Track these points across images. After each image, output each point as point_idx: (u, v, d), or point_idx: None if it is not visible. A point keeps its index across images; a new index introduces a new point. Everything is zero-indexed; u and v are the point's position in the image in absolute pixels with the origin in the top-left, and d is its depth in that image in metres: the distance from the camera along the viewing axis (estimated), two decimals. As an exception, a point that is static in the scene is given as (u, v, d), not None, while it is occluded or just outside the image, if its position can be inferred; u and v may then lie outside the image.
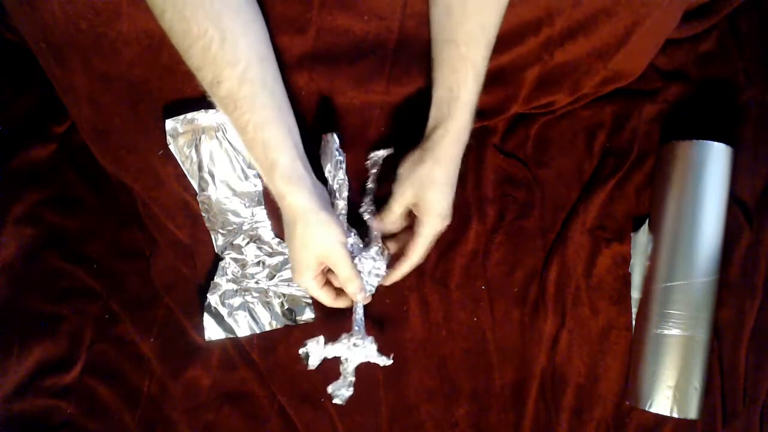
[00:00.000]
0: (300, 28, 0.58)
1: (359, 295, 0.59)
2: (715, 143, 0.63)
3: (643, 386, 0.62)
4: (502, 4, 0.52)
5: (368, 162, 0.64)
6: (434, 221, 0.57)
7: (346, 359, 0.62)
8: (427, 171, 0.55)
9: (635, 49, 0.62)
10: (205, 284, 0.66)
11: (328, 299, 0.60)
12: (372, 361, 0.62)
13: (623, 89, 0.68)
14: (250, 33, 0.51)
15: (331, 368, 0.65)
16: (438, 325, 0.66)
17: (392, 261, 0.62)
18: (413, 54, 0.60)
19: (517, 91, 0.64)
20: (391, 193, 0.58)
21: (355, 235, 0.62)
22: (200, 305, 0.66)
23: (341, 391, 0.61)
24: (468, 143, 0.57)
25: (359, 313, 0.62)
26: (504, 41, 0.59)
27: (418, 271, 0.66)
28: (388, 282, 0.62)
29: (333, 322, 0.66)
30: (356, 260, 0.60)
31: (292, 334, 0.66)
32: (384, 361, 0.62)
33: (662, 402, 0.61)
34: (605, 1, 0.58)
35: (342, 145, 0.61)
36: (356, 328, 0.62)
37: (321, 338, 0.61)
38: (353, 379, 0.62)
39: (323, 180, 0.60)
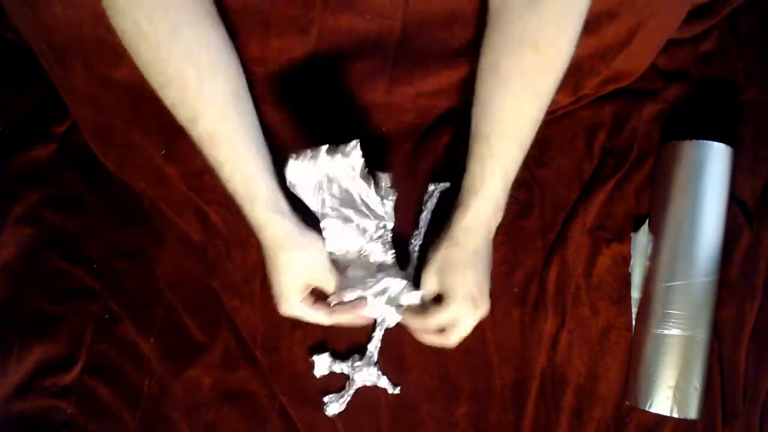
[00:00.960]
0: (302, 29, 0.58)
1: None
2: (715, 143, 0.63)
3: (643, 386, 0.62)
4: (537, 107, 0.52)
5: (425, 195, 0.64)
6: (456, 305, 0.54)
7: (353, 379, 0.64)
8: (444, 253, 0.55)
9: (638, 50, 0.62)
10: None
11: (325, 318, 0.57)
12: (378, 385, 0.64)
13: (623, 89, 0.68)
14: (225, 69, 0.51)
15: (337, 373, 0.65)
16: (438, 325, 0.66)
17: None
18: (415, 53, 0.60)
19: None
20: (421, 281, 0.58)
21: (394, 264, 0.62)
22: (203, 305, 0.66)
23: (333, 405, 0.63)
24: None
25: (375, 343, 0.64)
26: None
27: (419, 271, 0.66)
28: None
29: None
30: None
31: (295, 333, 0.66)
32: (392, 389, 0.64)
33: (662, 402, 0.61)
34: (609, 1, 0.58)
35: (393, 183, 0.62)
36: (368, 354, 0.64)
37: (326, 356, 0.64)
38: (349, 398, 0.64)
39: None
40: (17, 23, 0.60)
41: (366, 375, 0.64)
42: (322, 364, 0.64)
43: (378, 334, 0.64)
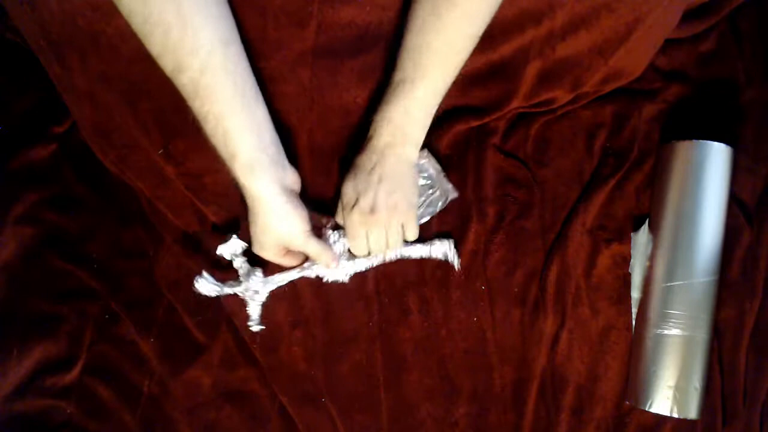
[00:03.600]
0: (301, 22, 0.57)
1: (333, 264, 0.60)
2: (715, 143, 0.63)
3: (643, 386, 0.62)
4: (470, 33, 0.53)
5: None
6: (341, 211, 0.59)
7: (236, 283, 0.63)
8: (358, 159, 0.58)
9: (636, 47, 0.62)
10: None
11: (289, 261, 0.61)
12: (249, 312, 0.63)
13: (623, 89, 0.68)
14: (212, 17, 0.49)
15: (333, 369, 0.65)
16: (438, 325, 0.66)
17: None
18: None
19: (517, 85, 0.64)
20: None
21: None
22: (203, 304, 0.66)
23: (204, 285, 0.61)
24: (468, 143, 0.57)
25: (285, 275, 0.63)
26: (503, 30, 0.59)
27: (419, 270, 0.66)
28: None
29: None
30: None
31: (294, 333, 0.66)
32: (255, 324, 0.63)
33: (662, 402, 0.61)
34: None
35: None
36: (276, 277, 0.62)
37: (241, 245, 0.62)
38: (222, 292, 0.62)
39: None
40: (16, 21, 0.59)
41: (251, 285, 0.62)
42: (229, 249, 0.62)
43: (294, 272, 0.63)
